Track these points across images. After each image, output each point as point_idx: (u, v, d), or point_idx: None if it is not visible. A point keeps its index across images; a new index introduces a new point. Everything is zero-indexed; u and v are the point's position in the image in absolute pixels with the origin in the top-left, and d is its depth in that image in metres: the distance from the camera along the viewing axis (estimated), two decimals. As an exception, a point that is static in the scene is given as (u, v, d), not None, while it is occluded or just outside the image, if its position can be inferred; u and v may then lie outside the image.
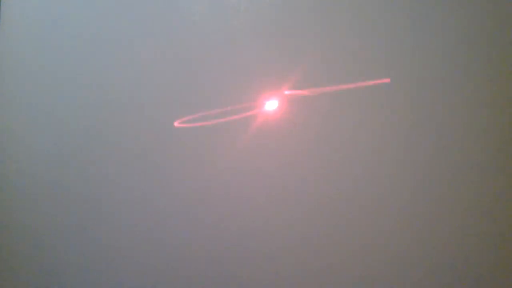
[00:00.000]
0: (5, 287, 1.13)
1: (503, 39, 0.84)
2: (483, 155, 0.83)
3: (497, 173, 0.82)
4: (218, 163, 0.97)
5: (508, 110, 0.83)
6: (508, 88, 0.83)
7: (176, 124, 1.01)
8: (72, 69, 1.11)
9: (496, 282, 0.81)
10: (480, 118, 0.84)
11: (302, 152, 0.92)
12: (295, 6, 0.94)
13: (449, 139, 0.85)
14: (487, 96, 0.84)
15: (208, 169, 0.98)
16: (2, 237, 1.15)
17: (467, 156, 0.84)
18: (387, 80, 0.88)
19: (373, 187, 0.88)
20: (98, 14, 1.10)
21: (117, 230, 1.04)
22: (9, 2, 1.20)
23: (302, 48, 0.94)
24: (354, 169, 0.89)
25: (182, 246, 0.99)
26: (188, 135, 1.00)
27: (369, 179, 0.88)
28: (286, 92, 0.94)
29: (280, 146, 0.94)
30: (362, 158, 0.89)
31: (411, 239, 0.85)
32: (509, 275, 0.80)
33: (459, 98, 0.85)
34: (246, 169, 0.96)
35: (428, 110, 0.86)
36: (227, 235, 0.96)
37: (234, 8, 0.98)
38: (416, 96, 0.87)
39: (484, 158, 0.83)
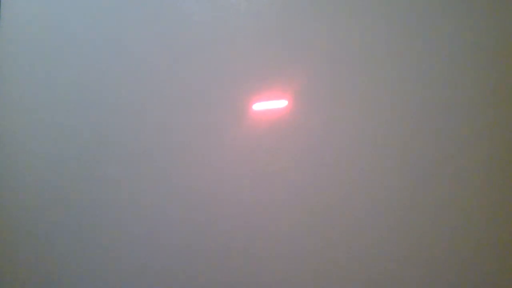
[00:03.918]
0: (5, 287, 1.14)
1: (504, 39, 0.84)
2: (484, 156, 0.83)
3: (498, 174, 0.82)
4: (218, 164, 0.97)
5: (509, 110, 0.83)
6: (510, 88, 0.83)
7: (178, 124, 1.01)
8: (72, 70, 1.11)
9: (497, 283, 0.81)
10: (481, 118, 0.84)
11: (302, 153, 0.92)
12: (295, 6, 0.94)
13: (450, 140, 0.85)
14: (488, 96, 0.84)
15: (208, 170, 0.98)
16: (2, 239, 1.15)
17: (468, 157, 0.84)
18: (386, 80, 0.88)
19: (373, 189, 0.88)
20: (98, 14, 1.10)
21: (118, 232, 1.04)
22: (9, 2, 1.20)
23: (302, 48, 0.94)
24: (355, 169, 0.89)
25: (182, 247, 0.99)
26: (188, 136, 1.00)
27: (370, 180, 0.88)
28: (286, 92, 0.94)
29: (280, 147, 0.94)
30: (363, 159, 0.89)
31: (412, 239, 0.85)
32: (509, 276, 0.80)
33: (460, 98, 0.85)
34: (246, 170, 0.95)
35: (429, 111, 0.86)
36: (228, 237, 0.96)
37: (234, 8, 0.98)
38: (418, 96, 0.87)
39: (485, 159, 0.83)
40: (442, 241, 0.84)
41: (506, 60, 0.83)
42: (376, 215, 0.87)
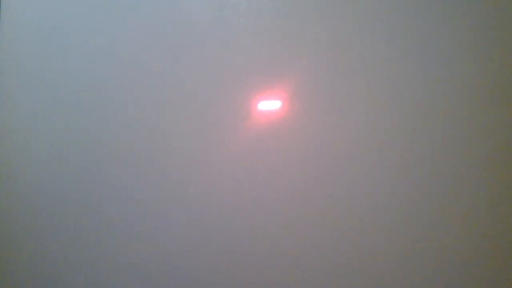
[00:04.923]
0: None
1: (503, 39, 0.83)
2: (484, 156, 0.83)
3: (498, 174, 0.82)
4: (218, 164, 0.97)
5: (509, 110, 0.82)
6: (509, 89, 0.83)
7: (178, 124, 1.01)
8: (72, 69, 1.11)
9: (497, 283, 0.81)
10: (481, 118, 0.84)
11: (302, 154, 0.92)
12: (295, 6, 0.94)
13: (451, 140, 0.85)
14: (488, 96, 0.83)
15: (207, 170, 0.98)
16: (2, 239, 1.15)
17: (469, 157, 0.84)
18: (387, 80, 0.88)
19: (374, 189, 0.87)
20: (97, 14, 1.10)
21: (117, 232, 1.04)
22: (9, 2, 1.20)
23: (302, 48, 0.93)
24: (356, 170, 0.89)
25: (182, 248, 0.99)
26: (188, 136, 1.00)
27: (370, 181, 0.88)
28: (286, 92, 0.93)
29: (280, 147, 0.93)
30: (363, 159, 0.89)
31: (413, 240, 0.85)
32: (509, 276, 0.80)
33: (460, 98, 0.85)
34: (246, 170, 0.95)
35: (430, 112, 0.86)
36: (227, 237, 0.96)
37: (234, 8, 0.98)
38: (418, 97, 0.86)
39: (485, 159, 0.83)
40: (442, 242, 0.84)
41: (506, 60, 0.83)
42: (377, 216, 0.87)
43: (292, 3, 0.94)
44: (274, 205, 0.93)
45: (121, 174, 1.05)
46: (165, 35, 1.03)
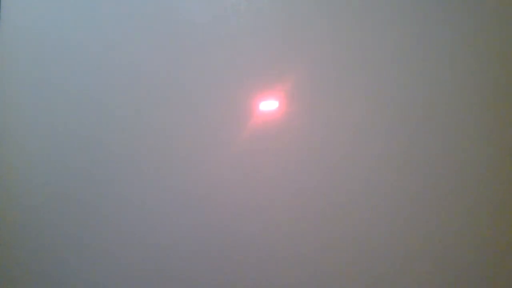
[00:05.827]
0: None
1: (503, 39, 0.84)
2: (485, 156, 0.83)
3: (498, 174, 0.82)
4: (218, 165, 0.97)
5: (509, 110, 0.82)
6: (509, 88, 0.83)
7: (178, 125, 1.01)
8: (72, 70, 1.11)
9: (498, 283, 0.81)
10: (482, 119, 0.84)
11: (303, 154, 0.92)
12: (295, 5, 0.94)
13: (452, 140, 0.85)
14: (489, 97, 0.83)
15: (207, 170, 0.98)
16: (2, 239, 1.15)
17: (470, 157, 0.84)
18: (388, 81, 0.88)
19: (375, 190, 0.87)
20: (98, 15, 1.10)
21: (117, 232, 1.04)
22: (9, 2, 1.20)
23: (303, 48, 0.93)
24: (357, 170, 0.89)
25: (181, 249, 0.99)
26: (188, 137, 1.00)
27: (371, 181, 0.88)
28: (287, 93, 0.93)
29: (280, 147, 0.93)
30: (364, 160, 0.89)
31: (414, 240, 0.85)
32: (509, 276, 0.80)
33: (461, 99, 0.85)
34: (246, 170, 0.95)
35: (430, 112, 0.86)
36: (227, 239, 0.96)
37: (234, 8, 0.98)
38: (419, 97, 0.86)
39: (486, 159, 0.83)
40: (443, 242, 0.84)
41: (506, 61, 0.83)
42: (378, 216, 0.87)
43: (292, 3, 0.94)
44: (274, 205, 0.93)
45: (121, 174, 1.05)
46: (165, 35, 1.03)
